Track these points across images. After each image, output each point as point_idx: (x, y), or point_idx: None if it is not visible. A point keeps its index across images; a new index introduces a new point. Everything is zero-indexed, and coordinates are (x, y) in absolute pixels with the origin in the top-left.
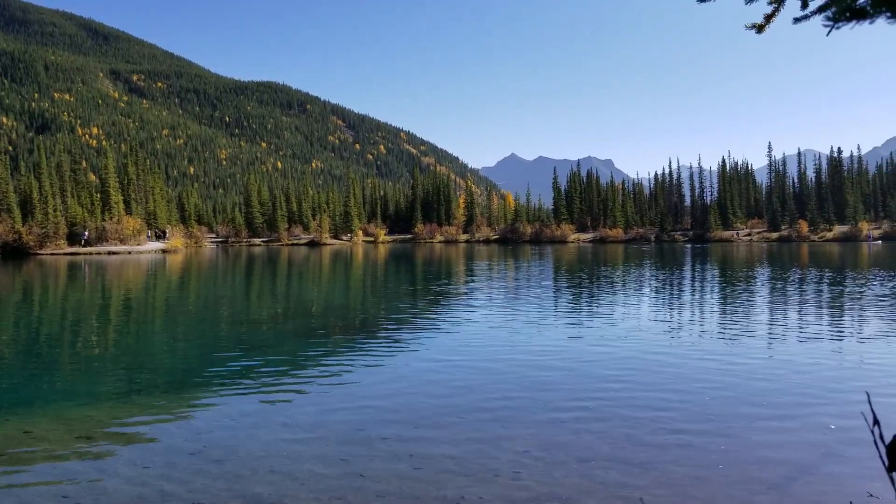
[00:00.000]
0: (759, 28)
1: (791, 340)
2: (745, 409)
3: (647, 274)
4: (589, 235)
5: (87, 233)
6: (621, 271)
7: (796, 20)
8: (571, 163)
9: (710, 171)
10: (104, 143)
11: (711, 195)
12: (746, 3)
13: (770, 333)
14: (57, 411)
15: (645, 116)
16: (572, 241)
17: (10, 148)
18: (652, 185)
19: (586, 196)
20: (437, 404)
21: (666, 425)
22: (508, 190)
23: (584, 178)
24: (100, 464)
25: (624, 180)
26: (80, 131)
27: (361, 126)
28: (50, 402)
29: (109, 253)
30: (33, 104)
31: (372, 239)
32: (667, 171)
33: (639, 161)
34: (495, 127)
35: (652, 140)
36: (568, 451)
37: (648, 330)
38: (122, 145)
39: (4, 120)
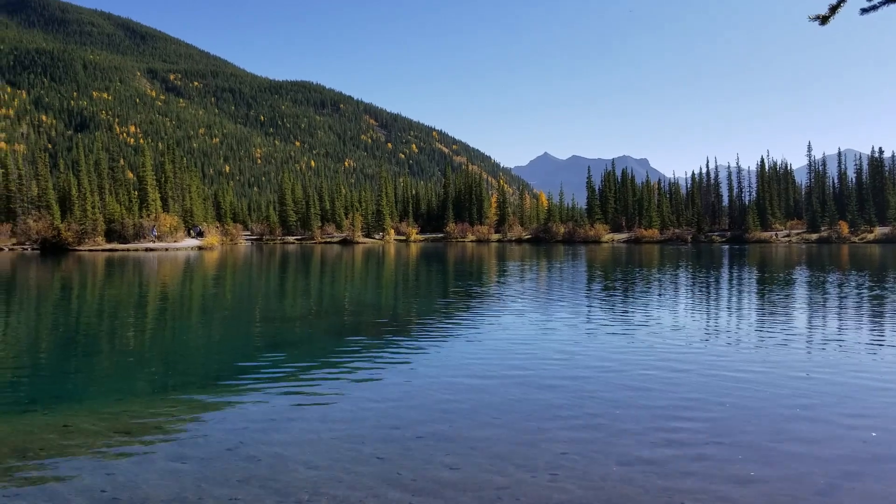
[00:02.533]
0: (824, 19)
1: (831, 346)
2: (785, 414)
3: (684, 276)
4: (623, 236)
5: (155, 230)
6: (657, 273)
7: (864, 11)
8: (606, 162)
9: (749, 171)
10: (142, 141)
11: (750, 195)
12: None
13: (809, 338)
14: (95, 406)
15: (682, 115)
16: (606, 242)
17: (50, 146)
18: (689, 185)
19: (621, 196)
20: (472, 404)
21: (705, 429)
22: (541, 189)
23: (619, 178)
24: (137, 459)
25: (660, 180)
26: (117, 129)
27: (394, 125)
28: (88, 397)
29: (147, 249)
30: (72, 103)
31: (404, 238)
32: (704, 170)
33: (675, 160)
34: (528, 126)
35: (689, 139)
36: (607, 454)
37: (686, 333)
38: (160, 144)
39: (44, 118)
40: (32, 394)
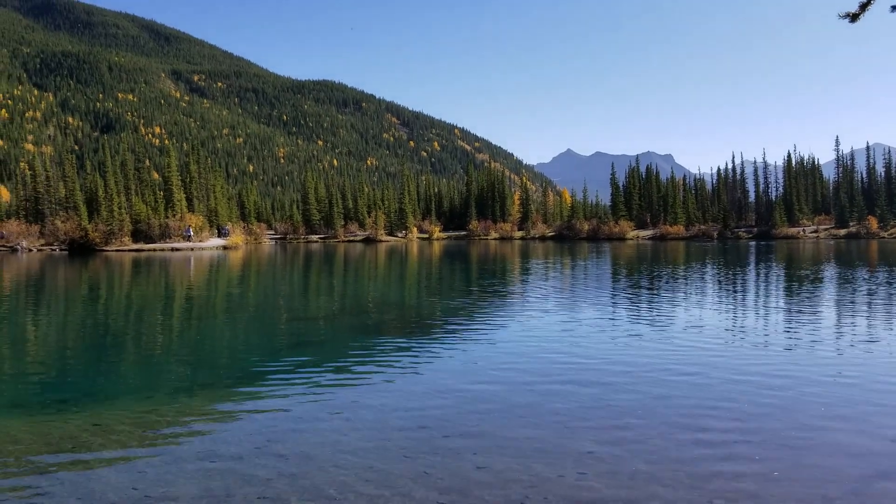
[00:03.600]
0: (854, 17)
1: (861, 344)
2: (814, 412)
3: (711, 273)
4: (648, 232)
5: (190, 230)
6: (683, 270)
7: (894, 8)
8: (630, 158)
9: (775, 167)
10: (166, 142)
11: (777, 191)
12: None
13: (839, 337)
14: (125, 405)
15: (707, 110)
16: (631, 239)
17: (77, 147)
18: (714, 181)
19: (646, 192)
20: (498, 402)
21: (733, 428)
22: (564, 186)
23: (644, 174)
24: (167, 457)
25: (685, 176)
26: (143, 131)
27: (416, 123)
28: (118, 395)
29: (173, 249)
30: (98, 104)
31: (426, 236)
32: (730, 166)
33: (700, 156)
34: (551, 122)
35: (714, 134)
36: (634, 453)
37: (713, 331)
38: (184, 144)
39: (71, 120)
40: (64, 393)
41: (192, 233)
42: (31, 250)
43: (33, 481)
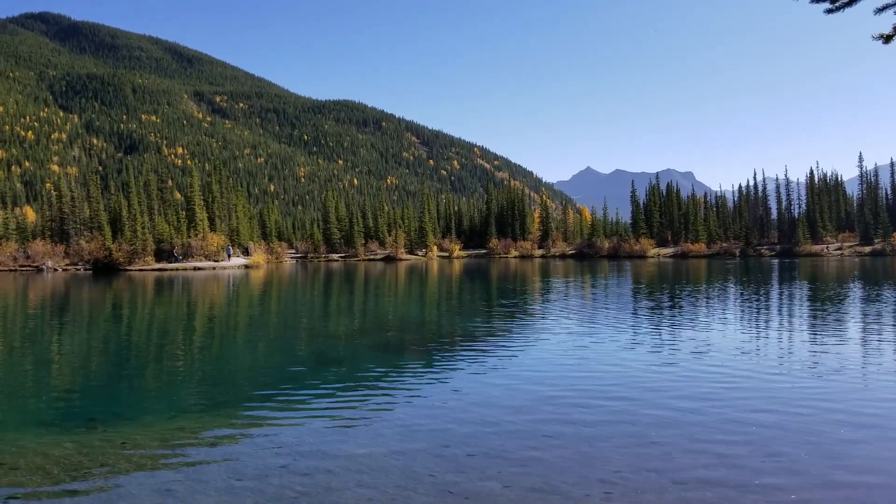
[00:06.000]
0: (887, 39)
1: (890, 366)
2: (842, 436)
3: (733, 291)
4: (670, 250)
5: (230, 249)
6: (705, 288)
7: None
8: (650, 175)
9: (798, 183)
10: (189, 162)
11: (799, 208)
12: (876, 14)
13: (865, 357)
14: (151, 423)
15: (727, 127)
16: (652, 257)
17: (101, 168)
18: (736, 198)
19: (666, 209)
20: (522, 421)
21: (760, 448)
22: (584, 204)
23: (664, 191)
24: (193, 475)
25: (706, 193)
26: (166, 151)
27: (435, 142)
28: (143, 414)
29: (195, 268)
30: (122, 125)
31: (447, 254)
32: (751, 183)
33: (721, 173)
34: (570, 140)
35: (735, 151)
36: (661, 473)
37: (736, 351)
38: (206, 164)
39: (95, 141)
40: (90, 411)
41: (231, 251)
42: (56, 270)
43: (62, 497)
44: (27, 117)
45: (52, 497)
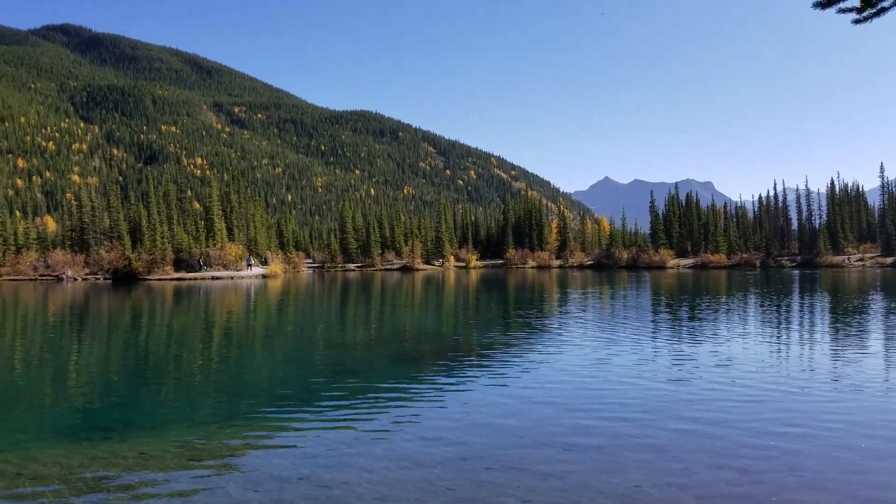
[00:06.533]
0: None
1: None
2: (865, 449)
3: (754, 303)
4: (689, 261)
5: (251, 259)
6: (725, 300)
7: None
8: (669, 186)
9: (819, 194)
10: (208, 172)
11: (820, 218)
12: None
13: (888, 370)
14: (168, 433)
15: (747, 137)
16: (671, 267)
17: (121, 178)
18: (756, 208)
19: (686, 220)
20: (540, 433)
21: (782, 462)
22: (602, 214)
23: (683, 202)
24: (211, 486)
25: (726, 203)
26: (185, 161)
27: (452, 152)
28: (161, 424)
29: (213, 278)
30: (142, 136)
31: (463, 264)
32: (772, 193)
33: (741, 183)
34: (588, 150)
35: (755, 162)
36: (682, 488)
37: (757, 363)
38: (225, 174)
39: (115, 152)
40: (109, 421)
41: (252, 261)
42: (76, 279)
43: None
44: (48, 128)
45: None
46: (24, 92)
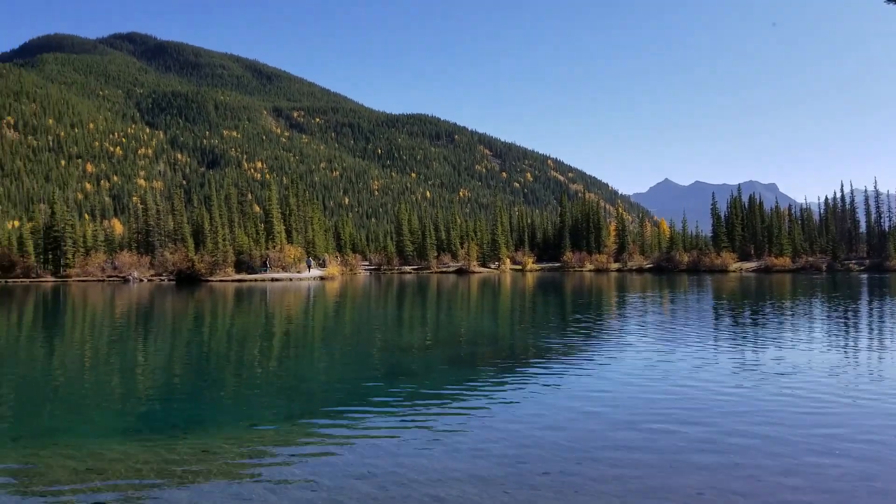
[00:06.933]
0: None
1: None
2: None
3: (820, 308)
4: (752, 264)
5: (311, 260)
6: (790, 304)
7: None
8: (731, 187)
9: (888, 195)
10: (268, 176)
11: (889, 221)
12: None
13: None
14: (230, 431)
15: (813, 138)
16: (734, 271)
17: (185, 182)
18: (822, 211)
19: (749, 222)
20: (598, 440)
21: (853, 471)
22: (662, 217)
23: (746, 204)
24: (271, 484)
25: (790, 205)
26: (245, 166)
27: (508, 154)
28: (223, 422)
29: (273, 280)
30: (204, 141)
31: (520, 267)
32: (838, 195)
33: (806, 185)
34: (648, 152)
35: (821, 163)
36: (746, 496)
37: (824, 369)
38: (284, 178)
39: (179, 156)
40: (173, 419)
41: (312, 262)
42: (141, 280)
43: (147, 501)
44: (116, 134)
45: (136, 498)
46: (92, 99)
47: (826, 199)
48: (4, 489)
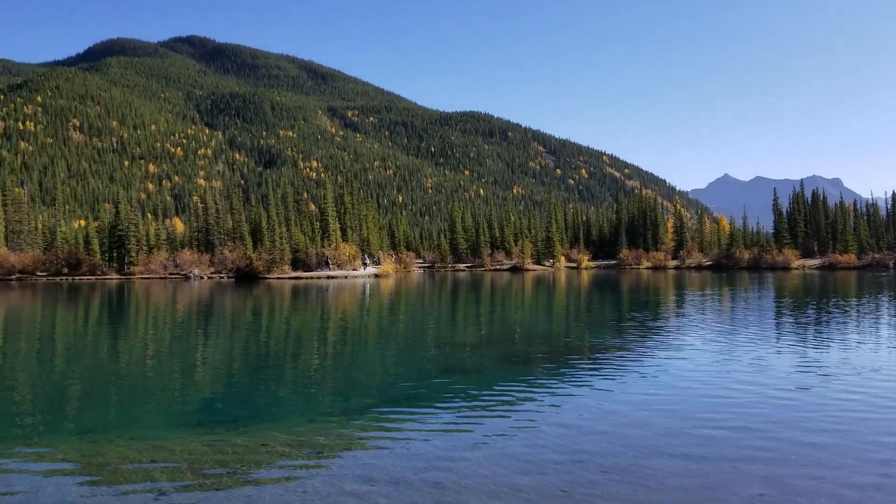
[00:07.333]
0: None
1: None
2: None
3: (887, 306)
4: (816, 261)
5: (367, 258)
6: (855, 303)
7: None
8: (793, 183)
9: None
10: (323, 175)
11: None
12: None
13: None
14: (287, 426)
15: (878, 131)
16: (797, 268)
17: (243, 182)
18: (889, 206)
19: (812, 218)
20: (655, 437)
21: None
22: (721, 213)
23: (809, 199)
24: (329, 479)
25: (855, 201)
26: (301, 165)
27: (562, 151)
28: (280, 417)
29: (329, 277)
30: (261, 141)
31: (574, 265)
32: None
33: (872, 179)
34: (706, 147)
35: (887, 157)
36: (811, 499)
37: (893, 372)
38: (339, 177)
39: (237, 156)
40: (233, 412)
41: (367, 260)
42: (202, 277)
43: (207, 495)
44: (176, 135)
45: (197, 491)
46: (154, 101)
47: (893, 193)
48: (72, 480)
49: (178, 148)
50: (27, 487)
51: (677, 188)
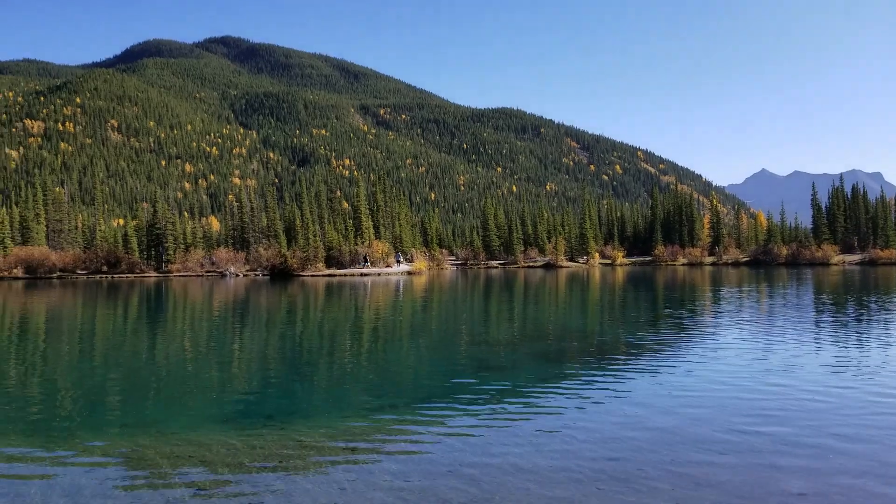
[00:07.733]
0: None
1: None
2: None
3: None
4: (856, 257)
5: (400, 256)
6: None
7: None
8: (832, 177)
9: None
10: (355, 173)
11: None
12: None
13: None
14: (322, 422)
15: None
16: (836, 264)
17: (277, 180)
18: None
19: (852, 213)
20: (692, 435)
21: None
22: (759, 208)
23: (849, 194)
24: (364, 475)
25: None
26: (334, 163)
27: (596, 147)
28: (316, 412)
29: (362, 274)
30: (295, 140)
31: (609, 261)
32: None
33: None
34: (743, 141)
35: None
36: (850, 498)
37: None
38: (371, 175)
39: (271, 155)
40: (268, 410)
41: (401, 258)
42: (237, 275)
43: (245, 489)
44: (212, 134)
45: (234, 485)
46: (190, 101)
47: None
48: (112, 474)
49: (214, 147)
50: (69, 482)
51: (714, 183)
